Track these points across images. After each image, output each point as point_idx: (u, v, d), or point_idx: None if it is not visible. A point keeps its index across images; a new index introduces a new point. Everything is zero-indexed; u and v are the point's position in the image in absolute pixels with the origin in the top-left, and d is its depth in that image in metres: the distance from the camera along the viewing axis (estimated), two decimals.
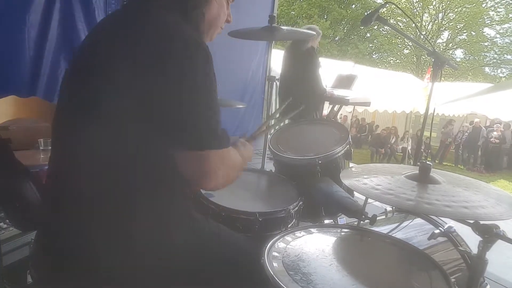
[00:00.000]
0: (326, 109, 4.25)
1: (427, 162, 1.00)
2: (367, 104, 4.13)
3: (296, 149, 1.74)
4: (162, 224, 0.86)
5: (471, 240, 1.05)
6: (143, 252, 0.82)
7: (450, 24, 22.36)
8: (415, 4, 22.71)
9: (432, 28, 22.80)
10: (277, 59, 3.93)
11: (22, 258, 1.52)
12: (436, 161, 11.34)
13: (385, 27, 19.27)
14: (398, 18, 21.52)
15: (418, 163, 1.03)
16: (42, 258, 0.88)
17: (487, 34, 21.97)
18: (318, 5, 21.82)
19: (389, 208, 1.42)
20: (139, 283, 0.84)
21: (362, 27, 19.85)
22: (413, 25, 20.83)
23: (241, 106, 1.85)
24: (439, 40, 22.86)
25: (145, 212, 0.83)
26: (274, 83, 2.28)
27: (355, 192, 1.32)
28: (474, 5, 20.80)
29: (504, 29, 21.30)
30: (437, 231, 1.10)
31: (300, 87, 3.33)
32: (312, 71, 3.47)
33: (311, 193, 1.50)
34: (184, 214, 0.95)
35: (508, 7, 20.46)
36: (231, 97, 1.94)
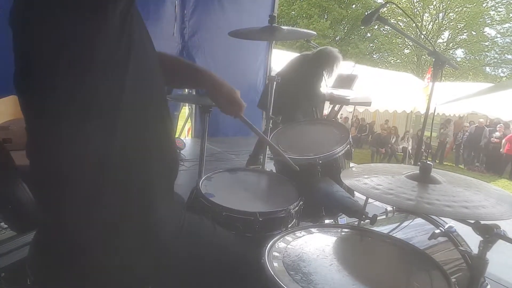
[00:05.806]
0: (327, 109, 4.24)
1: (428, 162, 1.00)
2: (367, 104, 4.12)
3: (296, 149, 1.74)
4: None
5: (472, 240, 1.05)
6: (132, 249, 0.82)
7: (451, 24, 22.34)
8: (415, 4, 22.69)
9: (432, 27, 22.77)
10: (277, 59, 3.92)
11: (22, 258, 1.51)
12: (437, 161, 11.33)
13: (386, 27, 19.27)
14: (399, 18, 21.51)
15: (419, 163, 1.03)
16: (40, 259, 0.88)
17: (487, 33, 21.97)
18: (318, 5, 21.82)
19: (389, 208, 1.42)
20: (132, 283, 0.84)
21: (363, 27, 19.83)
22: (414, 25, 20.87)
23: None
24: (440, 40, 22.86)
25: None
26: (275, 83, 2.28)
27: (355, 192, 1.32)
28: (474, 4, 20.78)
29: (505, 28, 21.29)
30: (437, 231, 1.10)
31: (299, 90, 3.30)
32: (311, 81, 3.41)
33: (312, 193, 1.50)
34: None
35: (509, 6, 20.44)
36: None
